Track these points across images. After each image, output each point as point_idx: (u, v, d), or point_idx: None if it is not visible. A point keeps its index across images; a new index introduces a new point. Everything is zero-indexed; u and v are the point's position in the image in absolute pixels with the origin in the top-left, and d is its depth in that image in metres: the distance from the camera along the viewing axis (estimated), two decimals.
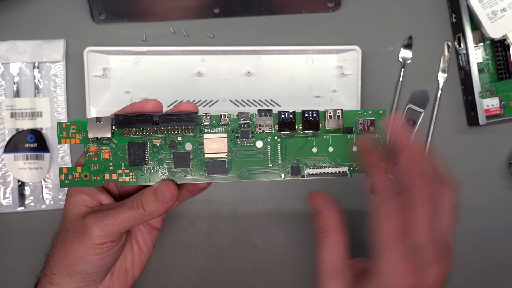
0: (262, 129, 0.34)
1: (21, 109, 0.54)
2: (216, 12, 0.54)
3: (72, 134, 0.34)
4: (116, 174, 0.35)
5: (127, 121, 0.33)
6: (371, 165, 0.34)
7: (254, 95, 0.54)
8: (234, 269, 0.56)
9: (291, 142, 0.35)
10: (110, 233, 0.34)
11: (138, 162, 0.34)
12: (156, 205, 0.34)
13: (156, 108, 0.34)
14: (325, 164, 0.35)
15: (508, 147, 0.56)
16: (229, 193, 0.56)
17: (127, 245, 0.38)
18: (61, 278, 0.35)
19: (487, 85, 0.54)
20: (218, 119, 0.34)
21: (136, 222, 0.34)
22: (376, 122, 0.35)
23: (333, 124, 0.34)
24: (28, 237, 0.55)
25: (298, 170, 0.35)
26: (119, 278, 0.38)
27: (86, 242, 0.34)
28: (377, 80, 0.56)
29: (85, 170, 0.35)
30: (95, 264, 0.34)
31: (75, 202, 0.35)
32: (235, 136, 0.34)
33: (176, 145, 0.35)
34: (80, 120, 0.34)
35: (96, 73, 0.53)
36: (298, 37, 0.55)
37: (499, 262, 0.57)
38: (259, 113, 0.34)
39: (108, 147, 0.34)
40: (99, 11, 0.54)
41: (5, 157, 0.54)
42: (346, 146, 0.35)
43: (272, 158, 0.35)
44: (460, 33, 0.54)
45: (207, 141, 0.34)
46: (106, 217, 0.34)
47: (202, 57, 0.54)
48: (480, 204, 0.57)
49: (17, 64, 0.54)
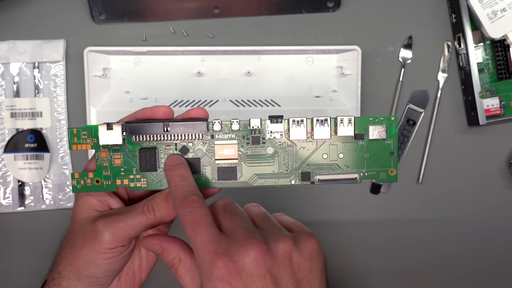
0: (273, 136, 0.34)
1: (21, 109, 0.54)
2: (216, 12, 0.54)
3: (83, 140, 0.34)
4: (128, 180, 0.34)
5: (138, 128, 0.33)
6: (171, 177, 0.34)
7: (254, 95, 0.54)
8: None
9: (302, 149, 0.35)
10: (121, 238, 0.33)
11: (149, 168, 0.34)
12: (167, 210, 0.34)
13: (167, 114, 0.34)
14: (335, 170, 0.35)
15: (508, 147, 0.56)
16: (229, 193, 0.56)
17: (135, 249, 0.38)
18: (69, 282, 0.35)
19: (487, 85, 0.54)
20: (229, 125, 0.34)
21: (147, 227, 0.34)
22: (387, 129, 0.35)
23: (344, 132, 0.34)
24: (28, 237, 0.55)
25: (309, 176, 0.35)
26: (126, 282, 0.38)
27: (96, 246, 0.33)
28: (377, 80, 0.56)
29: (97, 175, 0.34)
30: (105, 269, 0.34)
31: (85, 206, 0.35)
32: (246, 142, 0.34)
33: (187, 151, 0.35)
34: (91, 126, 0.34)
35: (96, 73, 0.53)
36: (298, 37, 0.55)
37: (499, 262, 0.57)
38: (270, 120, 0.34)
39: (119, 153, 0.34)
40: (99, 11, 0.54)
41: (5, 157, 0.54)
42: (356, 153, 0.35)
43: (283, 164, 0.35)
44: (460, 33, 0.54)
45: (218, 147, 0.34)
46: (117, 221, 0.33)
47: (202, 57, 0.54)
48: (480, 204, 0.57)
49: (17, 64, 0.54)
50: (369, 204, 0.57)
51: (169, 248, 0.33)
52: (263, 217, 0.33)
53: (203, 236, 0.30)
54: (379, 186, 0.56)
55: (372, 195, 0.56)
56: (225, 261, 0.28)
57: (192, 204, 0.31)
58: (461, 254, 0.57)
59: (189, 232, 0.30)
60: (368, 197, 0.56)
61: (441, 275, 0.57)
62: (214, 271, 0.28)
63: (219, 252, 0.29)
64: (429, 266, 0.57)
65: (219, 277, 0.28)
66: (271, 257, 0.29)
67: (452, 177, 0.57)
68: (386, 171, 0.35)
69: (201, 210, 0.31)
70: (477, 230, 0.57)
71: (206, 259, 0.29)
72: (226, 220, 0.32)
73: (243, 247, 0.29)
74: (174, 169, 0.33)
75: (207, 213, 0.31)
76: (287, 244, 0.30)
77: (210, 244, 0.29)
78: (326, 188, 0.56)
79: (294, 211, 0.56)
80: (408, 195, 0.56)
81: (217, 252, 0.29)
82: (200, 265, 0.29)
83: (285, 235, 0.31)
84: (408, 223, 0.57)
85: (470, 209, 0.57)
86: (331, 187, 0.56)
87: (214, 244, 0.29)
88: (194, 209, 0.31)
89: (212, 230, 0.30)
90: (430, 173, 0.56)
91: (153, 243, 0.34)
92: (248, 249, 0.29)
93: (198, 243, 0.30)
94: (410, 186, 0.57)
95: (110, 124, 0.33)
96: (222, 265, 0.28)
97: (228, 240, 0.30)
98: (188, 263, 0.33)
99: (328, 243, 0.56)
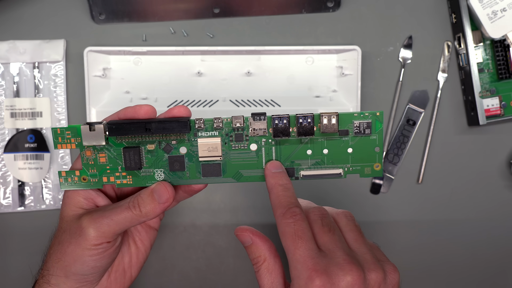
0: (256, 133, 0.34)
1: (21, 109, 0.54)
2: (216, 12, 0.54)
3: (67, 139, 0.34)
4: (114, 177, 0.35)
5: (119, 128, 0.33)
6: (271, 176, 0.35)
7: (254, 95, 0.54)
8: (234, 269, 0.56)
9: (286, 145, 0.35)
10: (106, 233, 0.34)
11: (133, 167, 0.34)
12: (153, 206, 0.34)
13: (149, 113, 0.34)
14: (319, 166, 0.35)
15: (508, 147, 0.56)
16: (229, 193, 0.56)
17: (125, 245, 0.38)
18: (57, 279, 0.35)
19: (487, 85, 0.54)
20: (211, 123, 0.34)
21: (132, 223, 0.34)
22: (372, 124, 0.34)
23: (328, 128, 0.34)
24: (28, 237, 0.55)
25: (293, 172, 0.35)
26: (116, 279, 0.38)
27: (82, 243, 0.34)
28: (377, 80, 0.56)
29: (83, 173, 0.35)
30: (91, 266, 0.34)
31: (71, 204, 0.35)
32: (229, 140, 0.34)
33: (170, 149, 0.35)
34: (74, 126, 0.34)
35: (96, 73, 0.53)
36: (298, 37, 0.55)
37: (499, 262, 0.57)
38: (253, 117, 0.34)
39: (103, 152, 0.34)
40: (99, 11, 0.54)
41: (5, 157, 0.54)
42: (341, 148, 0.35)
43: (267, 160, 0.35)
44: (460, 33, 0.54)
45: (201, 145, 0.34)
46: (102, 217, 0.34)
47: (202, 57, 0.54)
48: (480, 204, 0.57)
49: (17, 64, 0.54)
50: (369, 204, 0.57)
51: (259, 244, 0.34)
52: (357, 236, 0.34)
53: (303, 250, 0.31)
54: (379, 186, 0.56)
55: (372, 195, 0.56)
56: (324, 280, 0.30)
57: (295, 216, 0.32)
58: (461, 254, 0.57)
59: (288, 244, 0.31)
60: (368, 197, 0.56)
61: (441, 275, 0.57)
62: (311, 287, 0.30)
63: (318, 270, 0.30)
64: (429, 266, 0.57)
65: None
66: (364, 286, 0.30)
67: (452, 177, 0.57)
68: (371, 166, 0.35)
69: (303, 224, 0.32)
70: (477, 230, 0.57)
71: (304, 274, 0.30)
72: (325, 237, 0.32)
73: (342, 270, 0.30)
74: (276, 177, 0.34)
75: (308, 227, 0.32)
76: (379, 276, 0.31)
77: (310, 260, 0.30)
78: (326, 188, 0.55)
79: None
80: (408, 195, 0.56)
81: (316, 269, 0.30)
82: (296, 278, 0.30)
83: (378, 266, 0.32)
84: (408, 223, 0.57)
85: (470, 209, 0.57)
86: (331, 187, 0.56)
87: (314, 260, 0.30)
88: (296, 222, 0.32)
89: (312, 245, 0.31)
90: (430, 173, 0.56)
91: (246, 234, 0.34)
92: (347, 274, 0.30)
93: (297, 256, 0.31)
94: (410, 186, 0.57)
95: (93, 124, 0.33)
96: (320, 283, 0.29)
97: (327, 259, 0.31)
98: (271, 265, 0.34)
99: None
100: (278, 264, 0.34)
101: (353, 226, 0.35)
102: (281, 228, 0.32)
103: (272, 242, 0.34)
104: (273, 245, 0.34)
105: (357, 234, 0.34)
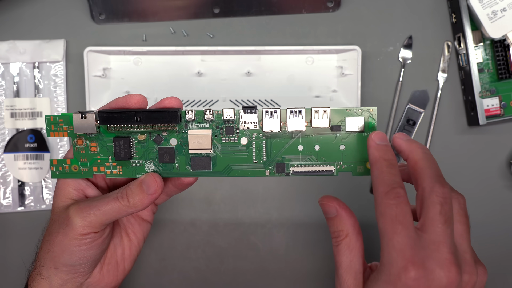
0: (246, 126, 0.34)
1: (21, 109, 0.54)
2: (216, 12, 0.54)
3: (60, 127, 0.34)
4: (104, 167, 0.35)
5: (110, 117, 0.33)
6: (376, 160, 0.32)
7: (254, 95, 0.54)
8: (234, 269, 0.56)
9: (277, 140, 0.34)
10: (93, 223, 0.33)
11: (123, 157, 0.34)
12: (141, 197, 0.34)
13: (141, 103, 0.34)
14: (311, 162, 0.35)
15: (508, 147, 0.56)
16: (229, 193, 0.56)
17: (117, 238, 0.38)
18: (48, 270, 0.35)
19: (487, 85, 0.54)
20: (202, 115, 0.34)
21: (120, 213, 0.34)
22: (366, 120, 0.34)
23: (319, 123, 0.34)
24: (28, 237, 0.55)
25: (283, 168, 0.34)
26: (109, 271, 0.38)
27: (69, 232, 0.33)
28: (377, 80, 0.56)
29: (74, 162, 0.35)
30: (79, 256, 0.34)
31: (61, 195, 0.35)
32: (220, 132, 0.34)
33: (161, 140, 0.34)
34: (67, 114, 0.34)
35: (96, 73, 0.53)
36: (298, 37, 0.55)
37: (499, 262, 0.57)
38: (244, 110, 0.34)
39: (95, 141, 0.35)
40: (99, 11, 0.54)
41: (5, 157, 0.54)
42: (333, 145, 0.34)
43: (257, 155, 0.34)
44: (460, 33, 0.54)
45: (191, 137, 0.34)
46: (89, 207, 0.33)
47: (202, 57, 0.54)
48: (480, 204, 0.57)
49: (17, 64, 0.54)
50: (369, 204, 0.56)
51: (344, 217, 0.32)
52: (463, 231, 0.31)
53: (401, 237, 0.28)
54: None
55: (372, 195, 0.56)
56: (419, 274, 0.27)
57: (398, 198, 0.29)
58: None
59: (386, 226, 0.29)
60: (368, 197, 0.56)
61: None
62: (404, 278, 0.28)
63: (416, 263, 0.28)
64: None
65: (405, 286, 0.28)
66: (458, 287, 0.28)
67: (452, 177, 0.57)
68: (364, 164, 0.35)
69: (406, 207, 0.29)
70: (477, 230, 0.57)
71: (399, 263, 0.28)
72: (437, 226, 0.29)
73: (442, 269, 0.28)
74: (382, 150, 0.31)
75: (410, 212, 0.29)
76: (472, 279, 0.29)
77: (408, 249, 0.28)
78: (325, 188, 0.55)
79: (293, 211, 0.56)
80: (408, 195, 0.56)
81: (414, 261, 0.28)
82: (387, 264, 0.28)
83: (474, 269, 0.30)
84: None
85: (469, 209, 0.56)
86: (331, 187, 0.56)
87: (412, 251, 0.28)
88: (398, 204, 0.29)
89: (413, 233, 0.28)
90: None
91: (331, 204, 0.33)
92: (445, 273, 0.28)
93: (394, 241, 0.28)
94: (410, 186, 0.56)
95: (84, 113, 0.33)
96: (414, 276, 0.27)
97: (426, 252, 0.28)
98: (353, 241, 0.32)
99: (328, 243, 0.56)
100: (360, 242, 0.32)
101: (463, 217, 0.32)
102: (381, 208, 0.29)
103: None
104: (357, 222, 0.32)
105: (464, 228, 0.31)
